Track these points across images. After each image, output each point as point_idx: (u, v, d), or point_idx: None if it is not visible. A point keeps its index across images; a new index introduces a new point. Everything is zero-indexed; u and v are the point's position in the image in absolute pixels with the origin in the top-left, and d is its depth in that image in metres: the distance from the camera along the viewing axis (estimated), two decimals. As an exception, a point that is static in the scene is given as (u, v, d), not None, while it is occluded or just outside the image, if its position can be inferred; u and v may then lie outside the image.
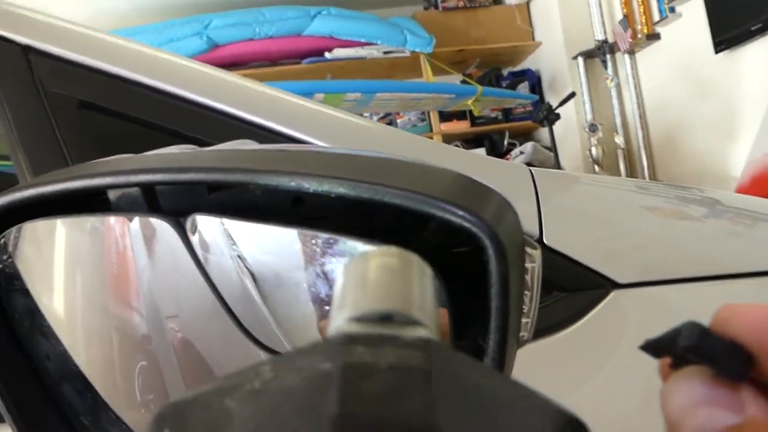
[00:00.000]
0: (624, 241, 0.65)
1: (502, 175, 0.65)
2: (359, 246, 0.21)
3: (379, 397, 0.11)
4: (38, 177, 0.26)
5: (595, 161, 3.11)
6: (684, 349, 0.18)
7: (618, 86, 3.26)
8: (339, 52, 3.13)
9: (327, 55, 3.13)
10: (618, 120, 3.29)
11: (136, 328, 0.29)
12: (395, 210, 0.23)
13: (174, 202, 0.26)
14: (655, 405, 0.21)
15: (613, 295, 0.58)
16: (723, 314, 0.18)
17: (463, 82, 3.41)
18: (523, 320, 0.23)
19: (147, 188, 0.25)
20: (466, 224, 0.19)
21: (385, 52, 3.22)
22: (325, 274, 0.24)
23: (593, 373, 0.54)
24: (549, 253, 0.58)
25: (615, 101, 3.28)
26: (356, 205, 0.23)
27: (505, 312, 0.19)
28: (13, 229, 0.27)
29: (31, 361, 0.29)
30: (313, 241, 0.24)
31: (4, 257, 0.27)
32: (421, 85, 3.09)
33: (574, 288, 0.58)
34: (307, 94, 2.55)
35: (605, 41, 3.23)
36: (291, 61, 3.13)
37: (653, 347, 0.19)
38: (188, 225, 0.23)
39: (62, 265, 0.30)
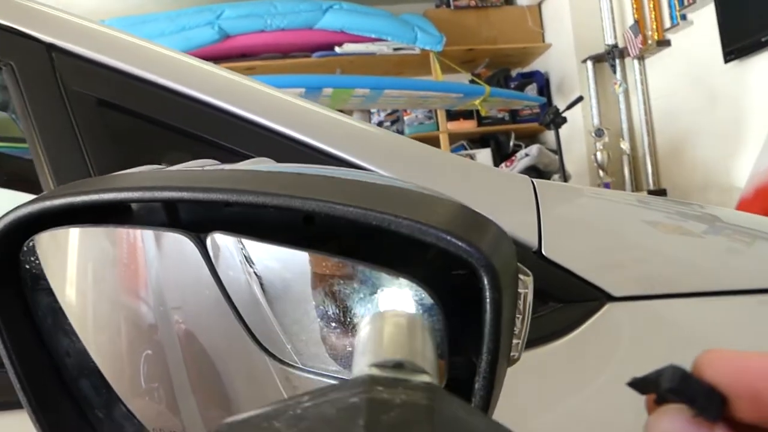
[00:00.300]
0: (622, 255, 0.66)
1: (505, 186, 0.67)
2: (364, 269, 0.23)
3: (394, 425, 0.15)
4: (67, 186, 0.27)
5: (600, 166, 3.12)
6: (666, 390, 0.20)
7: (626, 92, 3.26)
8: (349, 47, 3.15)
9: (337, 49, 3.15)
10: (624, 126, 3.29)
11: (143, 318, 0.31)
12: (400, 235, 0.25)
13: (192, 215, 0.28)
14: (646, 417, 0.23)
15: (608, 307, 0.59)
16: (703, 359, 0.20)
17: (472, 81, 3.42)
18: (514, 341, 0.25)
19: (168, 203, 0.27)
20: (464, 255, 0.21)
21: (395, 49, 3.23)
22: (331, 288, 0.25)
23: (586, 383, 0.56)
24: (547, 264, 0.60)
25: (622, 107, 3.29)
26: (364, 228, 0.25)
27: (497, 336, 0.21)
28: (41, 234, 0.29)
29: (51, 357, 0.31)
30: (324, 266, 0.25)
31: (32, 259, 0.29)
32: (430, 83, 3.10)
33: (569, 299, 0.59)
34: (317, 88, 2.56)
35: (615, 46, 3.23)
36: (301, 54, 3.15)
37: (640, 384, 0.21)
38: (208, 242, 0.25)
39: (76, 254, 0.31)
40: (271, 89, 0.64)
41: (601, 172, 3.11)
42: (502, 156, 3.54)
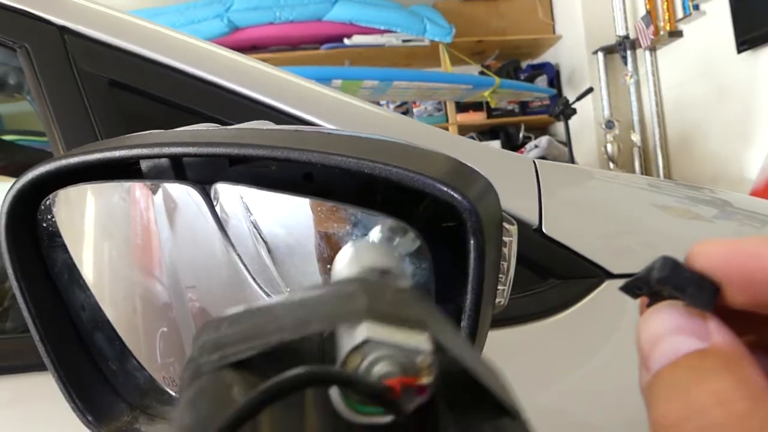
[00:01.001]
0: (624, 234, 0.67)
1: (505, 166, 0.68)
2: (356, 212, 0.24)
3: (391, 303, 0.16)
4: (81, 147, 0.29)
5: (610, 158, 3.11)
6: (657, 280, 0.19)
7: (637, 83, 3.25)
8: (358, 39, 3.15)
9: (346, 41, 3.16)
10: (635, 117, 3.28)
11: (158, 296, 0.33)
12: (393, 188, 0.26)
13: (198, 174, 0.29)
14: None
15: (607, 284, 0.60)
16: (694, 249, 0.20)
17: (481, 73, 3.42)
18: (500, 287, 0.26)
19: (175, 160, 0.29)
20: (449, 200, 0.22)
21: (404, 41, 3.24)
22: (329, 238, 0.27)
23: (585, 358, 0.57)
24: (547, 241, 0.61)
25: (633, 98, 3.28)
26: (359, 182, 0.26)
27: (480, 275, 0.22)
28: (57, 192, 0.30)
29: (67, 311, 0.33)
30: (321, 211, 0.27)
31: (48, 217, 0.31)
32: (439, 74, 3.11)
33: (569, 276, 0.60)
34: (325, 80, 2.58)
35: (626, 37, 3.22)
36: (310, 46, 3.16)
37: (631, 286, 0.21)
38: (212, 193, 0.26)
39: (92, 235, 0.33)
40: (279, 71, 0.66)
41: (611, 164, 3.11)
42: (511, 148, 3.54)
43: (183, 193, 0.30)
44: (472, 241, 0.22)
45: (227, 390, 0.15)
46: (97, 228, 0.33)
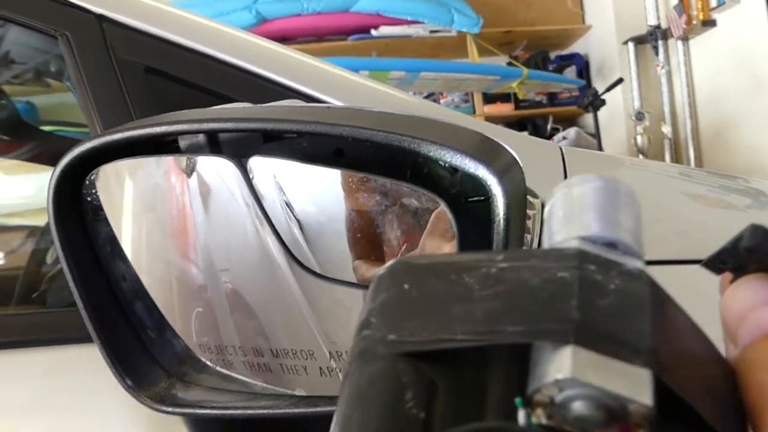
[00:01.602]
0: (652, 223, 0.67)
1: (531, 151, 0.68)
2: (389, 184, 0.25)
3: (610, 313, 0.14)
4: (124, 125, 0.31)
5: (640, 150, 3.07)
6: (746, 249, 0.18)
7: (669, 74, 3.20)
8: (385, 30, 3.15)
9: (373, 32, 3.16)
10: (666, 109, 3.23)
11: (193, 278, 0.34)
12: (421, 163, 0.27)
13: (233, 150, 0.31)
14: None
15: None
16: None
17: (509, 64, 3.40)
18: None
19: (212, 136, 0.30)
20: (477, 172, 0.23)
21: (432, 31, 3.23)
22: (361, 216, 0.28)
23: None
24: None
25: (664, 89, 3.22)
26: (388, 157, 0.27)
27: (505, 246, 0.23)
28: (101, 167, 0.32)
29: (109, 282, 0.35)
30: (353, 188, 0.28)
31: (92, 191, 0.33)
32: (467, 65, 3.09)
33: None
34: (353, 71, 2.58)
35: (658, 27, 3.16)
36: (337, 37, 3.17)
37: (714, 260, 0.19)
38: (248, 166, 0.28)
39: (132, 211, 0.35)
40: (311, 59, 0.67)
41: (640, 157, 3.07)
42: (539, 139, 3.51)
43: (216, 177, 0.32)
44: (496, 213, 0.23)
45: (402, 394, 0.13)
46: (137, 204, 0.35)
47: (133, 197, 0.34)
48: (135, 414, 0.47)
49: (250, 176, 0.28)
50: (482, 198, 0.26)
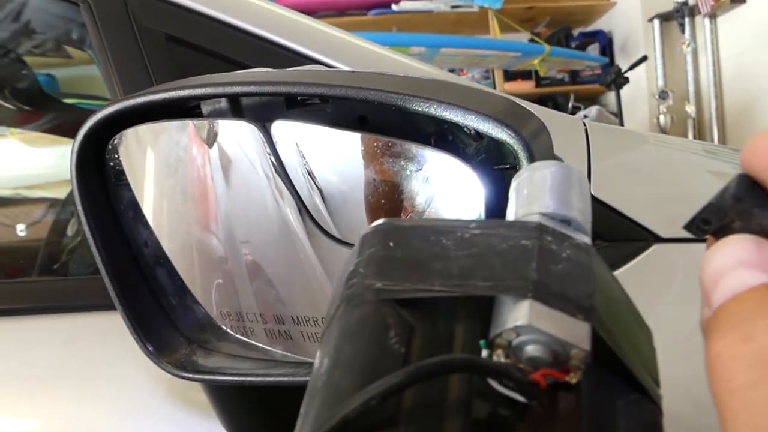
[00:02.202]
0: (673, 197, 0.66)
1: (554, 125, 0.67)
2: (414, 149, 0.25)
3: (561, 277, 0.16)
4: (146, 90, 0.30)
5: (662, 130, 3.02)
6: (733, 198, 0.18)
7: (694, 52, 3.13)
8: (406, 5, 3.12)
9: (394, 7, 3.12)
10: (691, 88, 3.17)
11: (214, 250, 0.34)
12: (447, 129, 0.27)
13: (256, 115, 0.30)
14: (698, 358, 0.22)
15: (655, 248, 0.59)
16: (750, 146, 0.18)
17: (531, 40, 3.35)
18: (550, 228, 0.26)
19: (234, 100, 0.30)
20: (505, 137, 0.22)
21: (453, 6, 3.18)
22: (381, 167, 0.27)
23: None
24: (595, 203, 0.60)
25: (690, 68, 3.16)
26: (413, 122, 0.27)
27: (531, 212, 0.23)
28: (123, 132, 0.32)
29: (131, 247, 0.35)
30: (377, 153, 0.28)
31: (115, 156, 0.33)
32: (488, 41, 3.05)
33: (616, 238, 0.60)
34: (373, 46, 2.56)
35: (685, 3, 3.09)
36: (358, 11, 3.14)
37: (697, 219, 0.20)
38: (272, 130, 0.27)
39: (153, 177, 0.35)
40: (334, 30, 0.66)
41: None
42: (559, 118, 3.47)
43: (237, 147, 0.31)
44: (524, 179, 0.22)
45: (386, 332, 0.15)
46: (158, 170, 0.34)
47: (154, 162, 0.34)
48: (156, 381, 0.47)
49: (273, 141, 0.28)
50: (508, 166, 0.26)
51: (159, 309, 0.35)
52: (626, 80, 2.90)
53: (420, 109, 0.23)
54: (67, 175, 0.32)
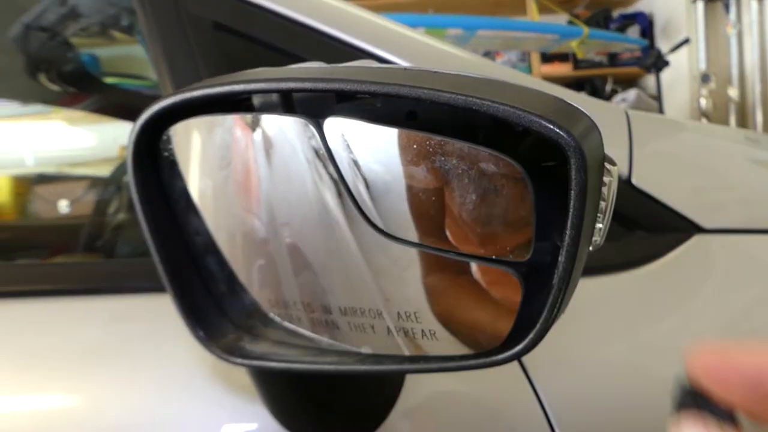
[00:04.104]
0: (717, 188, 0.65)
1: (596, 115, 0.66)
2: (462, 146, 0.25)
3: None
4: (201, 82, 0.31)
5: (703, 114, 2.95)
6: (679, 407, 0.22)
7: (739, 34, 3.03)
8: (443, -14, 3.08)
9: (431, -12, 3.09)
10: (734, 71, 3.08)
11: (256, 232, 0.35)
12: (495, 126, 0.27)
13: (306, 110, 0.31)
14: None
15: (697, 239, 0.59)
16: (692, 361, 0.21)
17: (570, 22, 3.28)
18: (598, 226, 0.27)
19: (286, 95, 0.30)
20: (556, 137, 0.23)
21: (491, -12, 3.13)
22: (432, 165, 0.28)
23: (668, 313, 0.56)
24: (636, 193, 0.60)
25: (734, 50, 3.06)
26: (463, 121, 0.27)
27: (581, 213, 0.23)
28: (177, 124, 0.33)
29: (182, 236, 0.36)
30: (428, 151, 0.28)
31: (169, 147, 0.34)
32: (525, 23, 3.01)
33: (657, 229, 0.60)
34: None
35: (731, -16, 3.00)
36: (394, -8, 3.12)
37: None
38: (325, 126, 0.28)
39: (204, 167, 0.36)
40: (379, 18, 0.66)
41: (703, 120, 2.95)
42: (597, 101, 3.41)
43: (279, 131, 0.32)
44: (574, 179, 0.23)
45: None
46: (209, 161, 0.35)
47: (206, 154, 0.35)
48: (200, 362, 0.49)
49: (325, 136, 0.29)
50: (557, 163, 0.26)
51: (209, 296, 0.36)
52: (667, 63, 2.83)
53: (474, 108, 0.24)
54: (107, 154, 0.33)
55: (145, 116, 0.32)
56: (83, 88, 1.16)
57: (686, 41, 2.85)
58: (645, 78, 3.46)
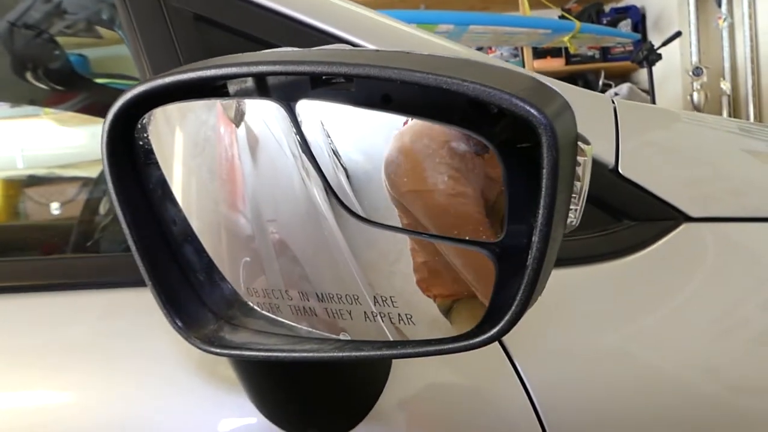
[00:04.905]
0: (705, 177, 0.65)
1: (582, 103, 0.66)
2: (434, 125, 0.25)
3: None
4: (174, 69, 0.31)
5: (696, 107, 2.95)
6: None
7: (731, 27, 3.04)
8: (434, -18, 3.08)
9: (422, -16, 3.09)
10: (726, 64, 3.08)
11: (241, 229, 0.34)
12: (473, 107, 0.27)
13: (282, 95, 0.31)
14: (728, 339, 0.22)
15: (684, 227, 0.59)
16: None
17: (561, 17, 3.28)
18: (572, 207, 0.26)
19: (260, 80, 0.30)
20: (526, 115, 0.22)
21: (482, -17, 3.13)
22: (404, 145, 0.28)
23: (657, 300, 0.56)
24: (623, 182, 0.60)
25: (726, 44, 3.07)
26: (438, 102, 0.27)
27: (553, 191, 0.23)
28: (152, 111, 0.32)
29: (160, 225, 0.35)
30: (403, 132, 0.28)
31: (144, 135, 0.33)
32: (517, 18, 3.00)
33: (644, 217, 0.59)
34: (400, 24, 2.53)
35: (722, -23, 3.00)
36: (386, -11, 3.11)
37: None
38: (296, 110, 0.28)
39: (181, 155, 0.35)
40: (363, 10, 0.66)
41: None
42: (589, 96, 3.41)
43: (264, 127, 0.32)
44: (546, 157, 0.23)
45: None
46: (186, 148, 0.35)
47: (182, 141, 0.35)
48: (186, 357, 0.49)
49: (299, 120, 0.28)
50: (532, 145, 0.26)
51: (187, 285, 0.36)
52: (659, 57, 2.84)
53: (444, 87, 0.23)
54: (98, 155, 0.33)
55: (118, 104, 0.31)
56: (71, 87, 1.16)
57: (678, 34, 2.86)
58: (637, 72, 3.47)
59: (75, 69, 1.14)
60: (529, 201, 0.25)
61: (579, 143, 0.25)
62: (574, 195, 0.26)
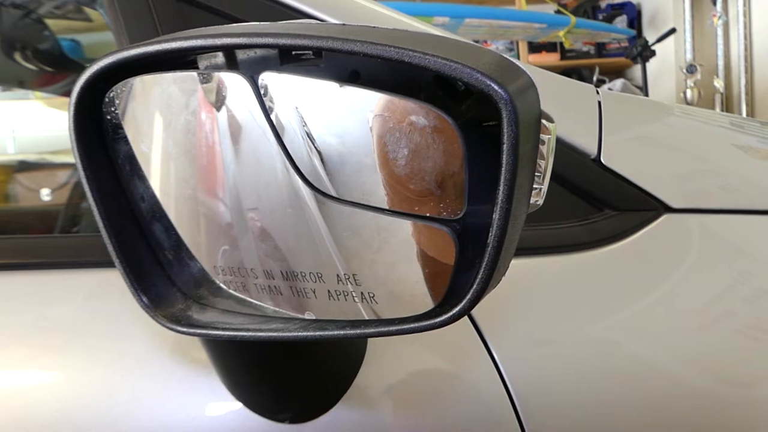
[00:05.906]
0: (688, 168, 0.65)
1: (565, 92, 0.66)
2: (395, 99, 0.25)
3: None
4: (141, 42, 0.30)
5: (689, 104, 2.96)
6: None
7: (725, 25, 3.04)
8: (430, -27, 3.06)
9: (418, -25, 3.07)
10: (720, 62, 3.09)
11: (221, 216, 0.34)
12: (440, 84, 0.26)
13: (251, 69, 0.30)
14: (712, 331, 0.21)
15: (665, 218, 0.59)
16: None
17: (557, 12, 3.28)
18: (536, 186, 0.26)
19: (229, 55, 0.30)
20: (487, 89, 0.22)
21: (478, -24, 3.12)
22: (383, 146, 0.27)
23: (638, 289, 0.56)
24: (605, 171, 0.59)
25: (720, 41, 3.07)
26: (404, 78, 0.27)
27: (514, 166, 0.22)
28: (120, 84, 0.32)
29: (128, 202, 0.35)
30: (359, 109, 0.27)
31: (112, 109, 0.33)
32: (513, 12, 3.00)
33: (625, 207, 0.59)
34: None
35: (717, -25, 3.00)
36: (381, -20, 3.09)
37: None
38: (260, 82, 0.27)
39: (148, 135, 0.35)
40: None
41: (689, 111, 2.95)
42: (584, 91, 3.41)
43: (232, 102, 0.31)
44: (506, 132, 0.22)
45: None
46: (154, 122, 0.34)
47: (150, 116, 0.34)
48: (161, 339, 0.48)
49: (262, 92, 0.28)
50: (496, 123, 0.25)
51: (156, 264, 0.35)
52: (653, 53, 2.84)
53: (406, 60, 0.23)
54: None
55: (84, 76, 0.31)
56: (61, 68, 1.15)
57: (672, 31, 2.86)
58: (632, 68, 3.47)
59: (65, 52, 1.13)
60: (492, 180, 0.25)
61: (543, 121, 0.25)
62: (538, 173, 0.26)
